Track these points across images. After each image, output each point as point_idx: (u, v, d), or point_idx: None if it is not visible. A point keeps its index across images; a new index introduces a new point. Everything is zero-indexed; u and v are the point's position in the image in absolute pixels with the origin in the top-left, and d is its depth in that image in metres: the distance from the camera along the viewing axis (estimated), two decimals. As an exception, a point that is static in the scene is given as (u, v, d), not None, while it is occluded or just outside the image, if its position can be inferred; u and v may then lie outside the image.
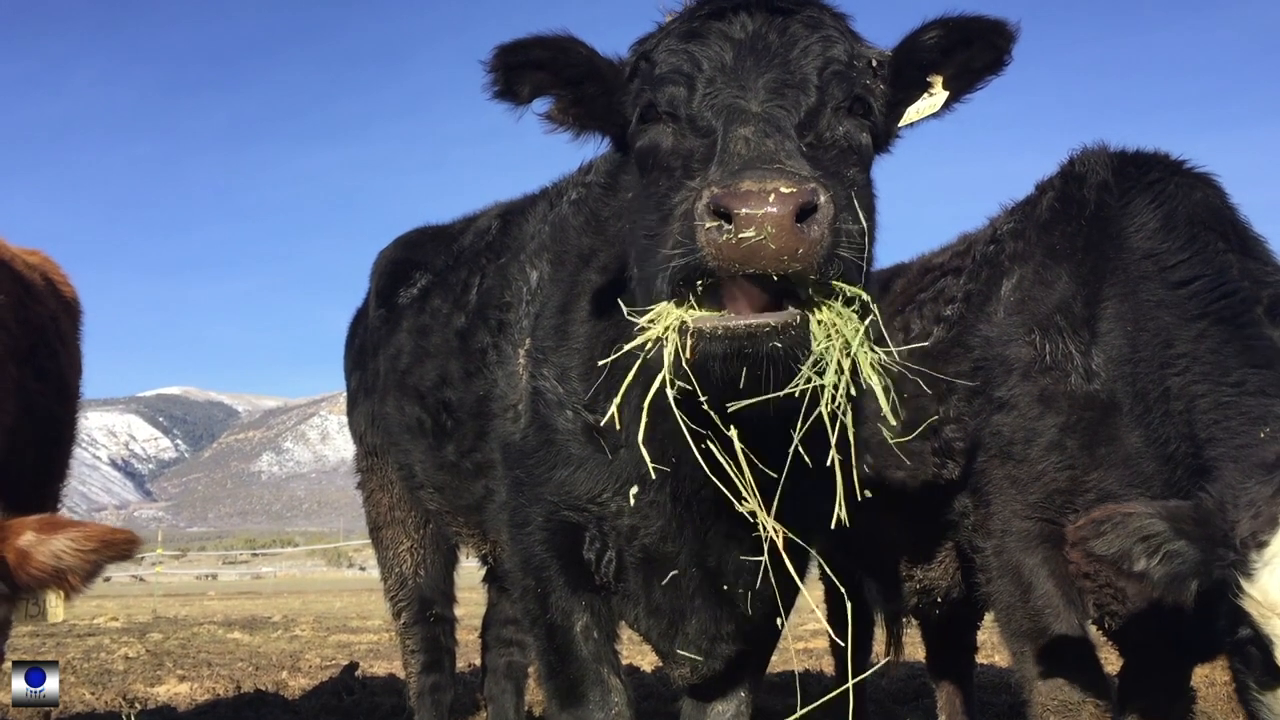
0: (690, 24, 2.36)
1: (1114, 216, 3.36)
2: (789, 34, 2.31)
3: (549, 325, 3.13)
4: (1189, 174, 3.37)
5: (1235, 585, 2.40)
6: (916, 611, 4.73)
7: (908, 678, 7.00)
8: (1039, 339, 3.35)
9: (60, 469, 4.55)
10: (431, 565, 4.74)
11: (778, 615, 3.23)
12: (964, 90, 2.53)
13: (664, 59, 2.36)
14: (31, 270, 4.67)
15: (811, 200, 1.93)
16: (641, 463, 2.79)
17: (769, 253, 1.92)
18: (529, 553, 3.09)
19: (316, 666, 9.27)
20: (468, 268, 4.02)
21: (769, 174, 1.95)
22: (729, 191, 1.93)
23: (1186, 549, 2.49)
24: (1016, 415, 3.37)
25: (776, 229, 1.90)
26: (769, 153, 2.05)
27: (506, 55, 2.45)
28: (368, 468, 4.97)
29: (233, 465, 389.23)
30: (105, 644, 11.30)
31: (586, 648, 3.05)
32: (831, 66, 2.30)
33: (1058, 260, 3.46)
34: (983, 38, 2.45)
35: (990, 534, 3.47)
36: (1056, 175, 3.71)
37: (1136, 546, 2.51)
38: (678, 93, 2.30)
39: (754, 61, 2.26)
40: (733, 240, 1.92)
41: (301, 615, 16.82)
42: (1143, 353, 3.09)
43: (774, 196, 1.90)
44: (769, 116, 2.15)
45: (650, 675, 7.65)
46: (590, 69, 2.51)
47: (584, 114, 2.55)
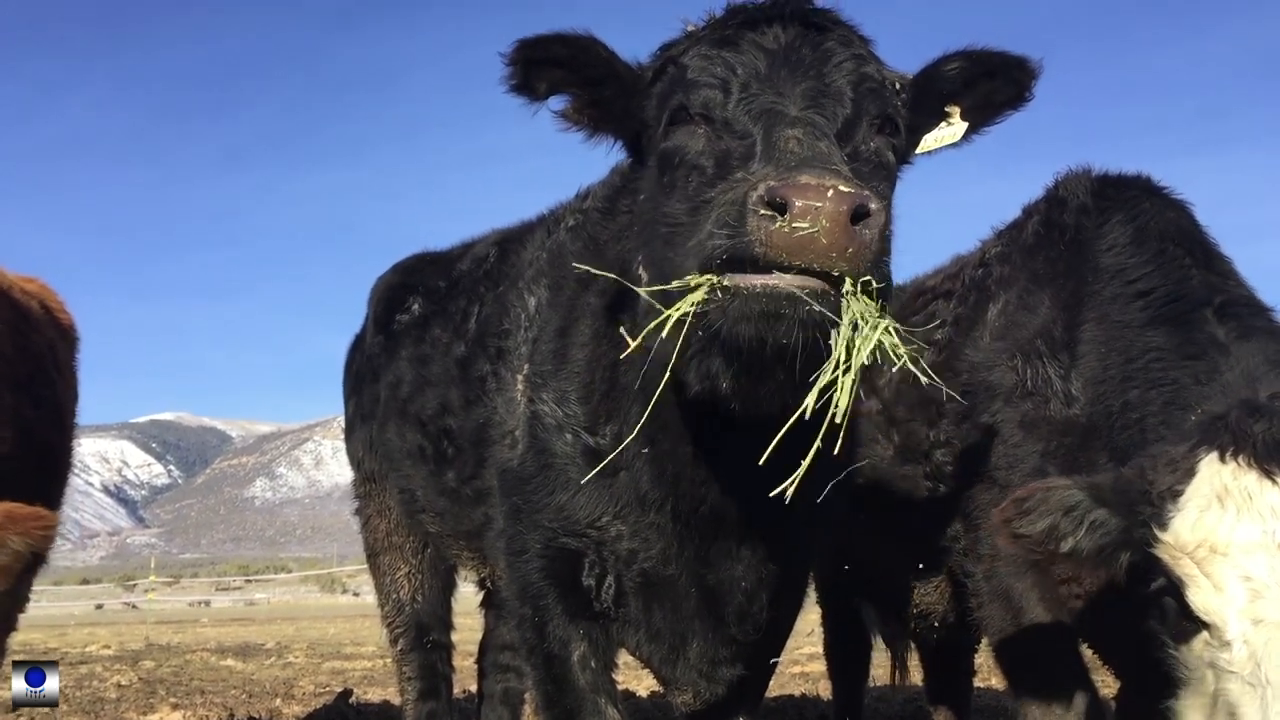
0: (723, 31, 2.35)
1: (1090, 239, 3.40)
2: (822, 49, 2.31)
3: (547, 349, 3.14)
4: (1164, 197, 3.42)
5: (1151, 538, 2.37)
6: (914, 636, 4.73)
7: (905, 701, 6.99)
8: (1021, 364, 3.37)
9: (56, 498, 4.54)
10: (429, 591, 4.73)
11: (776, 637, 3.24)
12: (984, 122, 2.57)
13: (696, 64, 2.34)
14: (29, 298, 4.69)
15: (866, 204, 1.91)
16: (641, 484, 2.81)
17: (820, 247, 1.89)
18: (526, 581, 3.09)
19: (310, 694, 9.20)
20: (466, 296, 4.05)
21: (827, 172, 1.93)
22: (787, 183, 1.90)
23: (1109, 517, 2.46)
24: (1000, 441, 3.39)
25: (831, 223, 1.88)
26: (824, 154, 2.03)
27: (527, 50, 2.45)
28: (365, 493, 4.98)
29: (226, 491, 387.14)
30: (98, 672, 11.21)
31: (584, 678, 3.04)
32: (866, 83, 2.32)
33: (1040, 285, 3.49)
34: (1005, 72, 2.48)
35: (980, 559, 3.48)
36: (1041, 199, 3.76)
37: (1062, 521, 2.47)
38: (713, 95, 2.27)
39: (789, 71, 2.25)
40: (785, 229, 1.88)
41: (295, 642, 16.69)
42: (1110, 370, 3.12)
43: (832, 193, 1.88)
44: (812, 122, 2.14)
45: (646, 701, 7.61)
46: (610, 71, 2.51)
47: (600, 115, 2.55)
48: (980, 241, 4.14)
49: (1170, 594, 2.38)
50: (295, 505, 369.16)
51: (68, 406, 4.70)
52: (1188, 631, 2.36)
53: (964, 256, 4.23)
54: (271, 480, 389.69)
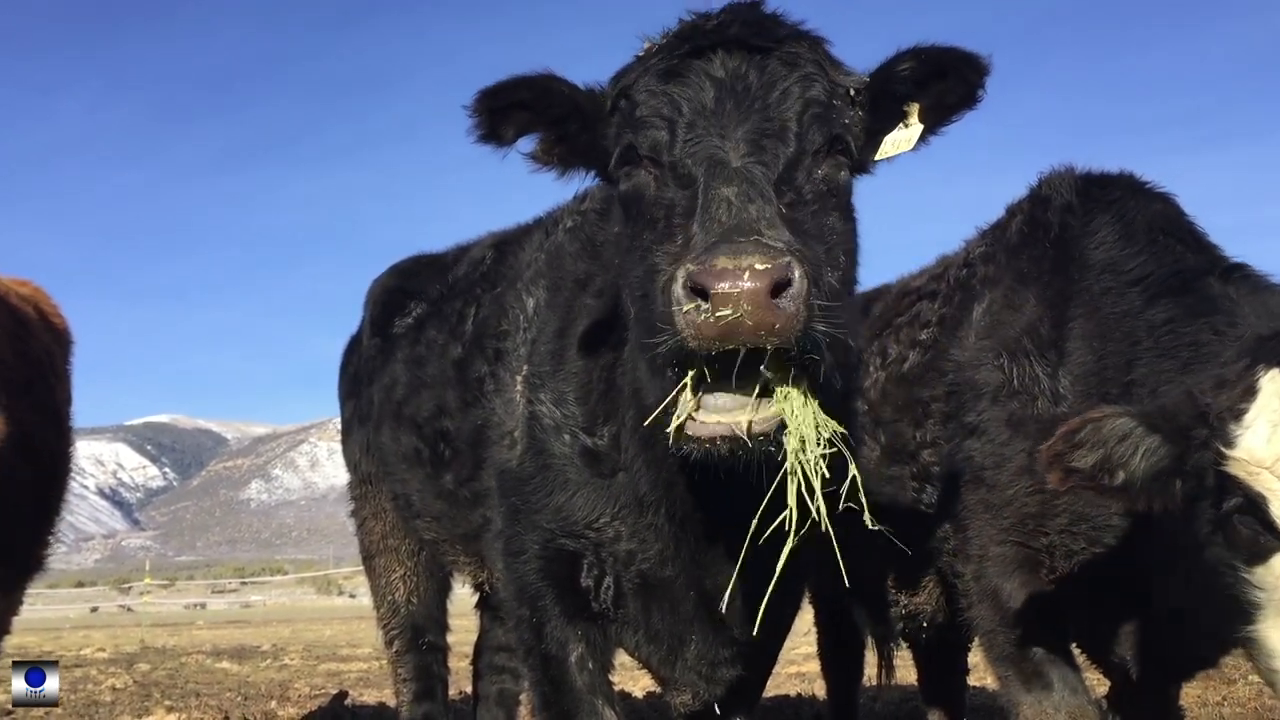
0: (669, 61, 2.36)
1: (1076, 237, 3.41)
2: (768, 73, 2.32)
3: (546, 350, 3.16)
4: (1149, 192, 3.44)
5: (1217, 456, 2.34)
6: (906, 636, 4.76)
7: (900, 701, 7.01)
8: (1007, 363, 3.37)
9: (57, 502, 4.56)
10: (424, 593, 4.74)
11: (774, 637, 3.26)
12: (938, 124, 2.54)
13: (644, 99, 2.37)
14: (25, 303, 4.70)
15: (786, 275, 1.95)
16: (640, 486, 2.83)
17: (745, 329, 1.95)
18: (524, 582, 3.11)
19: (306, 696, 9.20)
20: (463, 298, 4.06)
21: (744, 248, 1.97)
22: (704, 269, 1.96)
23: (1161, 443, 2.43)
24: (987, 440, 3.39)
25: (752, 305, 1.93)
26: (748, 221, 2.07)
27: (489, 99, 2.49)
28: (361, 495, 4.98)
29: (221, 493, 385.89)
30: (92, 675, 11.19)
31: (581, 679, 3.05)
32: (811, 110, 2.33)
33: (1025, 284, 3.49)
34: (955, 71, 2.45)
35: (969, 559, 3.49)
36: (1025, 199, 3.76)
37: (1117, 449, 2.42)
38: (659, 137, 2.32)
39: (734, 105, 2.28)
40: (710, 319, 1.95)
41: (291, 644, 16.68)
42: (1110, 360, 3.11)
43: (749, 274, 1.93)
44: (749, 176, 2.18)
45: (642, 702, 7.63)
46: (572, 106, 2.54)
47: (567, 152, 2.58)
48: (964, 241, 4.14)
49: (1247, 511, 2.34)
50: (291, 507, 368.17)
51: (65, 410, 4.72)
52: (1267, 550, 2.34)
53: (949, 256, 4.24)
54: (267, 482, 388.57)
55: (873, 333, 4.22)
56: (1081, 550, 3.20)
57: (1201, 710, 6.23)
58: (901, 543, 3.97)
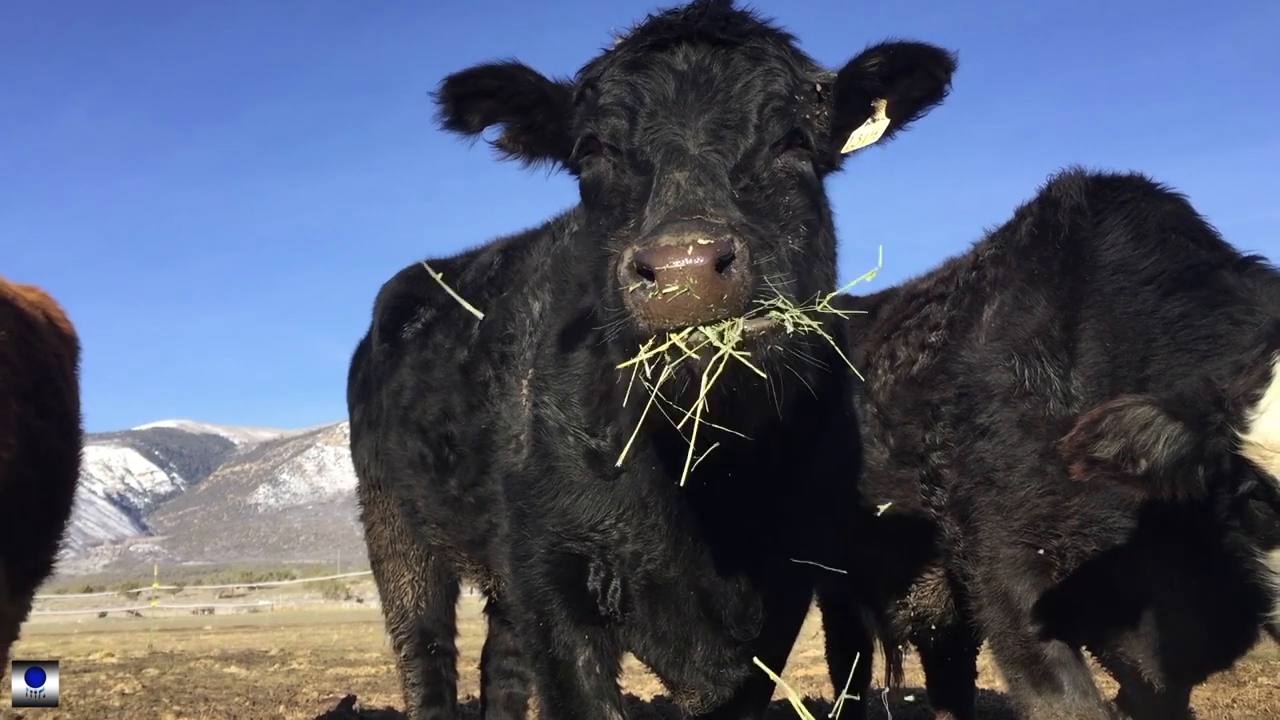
0: (634, 54, 2.39)
1: (1087, 239, 3.41)
2: (731, 67, 2.34)
3: (550, 353, 3.16)
4: (1159, 193, 3.45)
5: (1233, 440, 2.35)
6: (914, 638, 4.75)
7: (906, 704, 6.98)
8: (1018, 364, 3.37)
9: (65, 506, 4.57)
10: (433, 598, 4.75)
11: (779, 638, 3.25)
12: (905, 118, 2.54)
13: (607, 89, 2.39)
14: (33, 308, 4.72)
15: (728, 250, 1.95)
16: (641, 486, 2.82)
17: (695, 304, 1.94)
18: (531, 586, 3.10)
19: (314, 700, 9.21)
20: (470, 302, 4.06)
21: (687, 227, 1.97)
22: (648, 249, 1.95)
23: (1183, 431, 2.43)
24: (998, 442, 3.38)
25: (699, 279, 1.93)
26: (694, 202, 2.07)
27: (455, 86, 2.52)
28: (369, 500, 5.00)
29: (229, 498, 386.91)
30: (101, 680, 11.21)
31: (589, 683, 3.05)
32: (772, 103, 2.34)
33: (1036, 285, 3.49)
34: (922, 66, 2.45)
35: (979, 561, 3.48)
36: (1035, 201, 3.77)
37: (1139, 437, 2.42)
38: (619, 125, 2.34)
39: (696, 96, 2.29)
40: (659, 297, 1.94)
41: (299, 648, 16.70)
42: (1123, 359, 3.11)
43: (692, 249, 1.93)
44: (704, 162, 2.18)
45: (649, 705, 7.62)
46: (539, 96, 2.56)
47: (534, 140, 2.60)
48: (973, 244, 4.15)
49: (1261, 496, 2.35)
50: (299, 512, 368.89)
51: (73, 415, 4.73)
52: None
53: (957, 259, 4.24)
54: (275, 487, 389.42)
55: (881, 336, 4.22)
56: (1093, 552, 3.19)
57: (1211, 712, 6.20)
58: (911, 545, 3.97)
